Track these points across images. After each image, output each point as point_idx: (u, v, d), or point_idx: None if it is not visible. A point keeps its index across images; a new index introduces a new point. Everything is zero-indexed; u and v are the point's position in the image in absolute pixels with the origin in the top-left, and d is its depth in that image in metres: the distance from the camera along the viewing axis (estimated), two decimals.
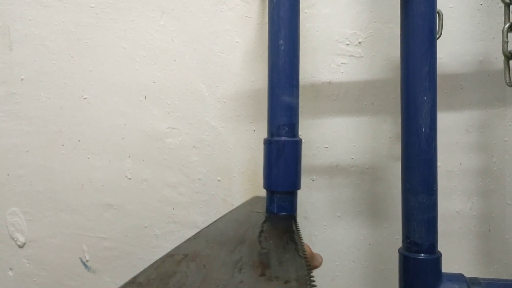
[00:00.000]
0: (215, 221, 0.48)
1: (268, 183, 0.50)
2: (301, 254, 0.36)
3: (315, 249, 0.68)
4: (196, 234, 0.41)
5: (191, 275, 0.30)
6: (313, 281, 0.30)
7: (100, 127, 0.73)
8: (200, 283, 0.29)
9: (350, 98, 0.65)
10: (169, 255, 0.34)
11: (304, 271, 0.31)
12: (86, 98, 0.73)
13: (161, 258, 0.33)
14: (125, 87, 0.71)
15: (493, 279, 0.48)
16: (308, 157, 0.67)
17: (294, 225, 0.45)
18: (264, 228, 0.45)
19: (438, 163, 0.62)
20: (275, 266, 0.32)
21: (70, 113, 0.74)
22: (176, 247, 0.36)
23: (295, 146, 0.49)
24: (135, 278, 0.30)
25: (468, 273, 0.62)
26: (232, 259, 0.34)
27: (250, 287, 0.28)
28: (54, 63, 0.73)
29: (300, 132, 0.66)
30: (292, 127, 0.49)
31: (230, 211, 0.55)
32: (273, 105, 0.49)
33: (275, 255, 0.35)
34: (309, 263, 0.43)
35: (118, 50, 0.71)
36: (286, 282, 0.29)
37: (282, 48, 0.48)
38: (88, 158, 0.73)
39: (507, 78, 0.48)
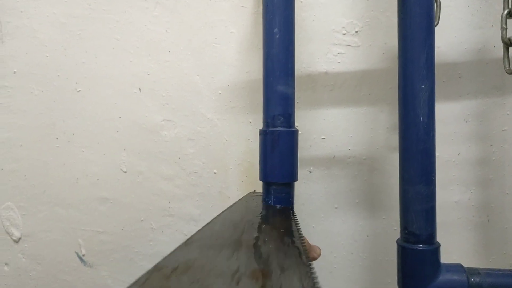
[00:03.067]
0: (209, 222, 0.44)
1: (264, 175, 0.49)
2: (304, 259, 0.32)
3: (312, 241, 0.68)
4: (188, 239, 0.37)
5: None
6: None
7: (94, 120, 0.72)
8: None
9: (347, 88, 0.65)
10: (157, 268, 0.30)
11: (309, 281, 0.28)
12: (79, 90, 0.72)
13: (146, 273, 0.29)
14: (119, 79, 0.70)
15: (492, 269, 0.47)
16: (305, 148, 0.66)
17: (293, 223, 0.43)
18: (262, 229, 0.42)
19: (437, 153, 0.62)
20: (277, 275, 0.29)
21: (63, 106, 0.73)
22: (165, 257, 0.32)
23: (291, 136, 0.48)
24: None
25: (467, 264, 0.61)
26: (230, 269, 0.30)
27: None
28: (47, 56, 0.72)
29: (296, 124, 0.66)
30: (288, 117, 0.48)
31: (224, 211, 0.52)
32: (268, 95, 0.48)
33: (275, 261, 0.32)
34: (310, 260, 0.41)
35: (111, 41, 0.70)
36: None
37: (277, 36, 0.47)
38: (83, 151, 0.72)
39: (507, 66, 0.47)
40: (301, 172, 0.67)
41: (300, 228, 0.42)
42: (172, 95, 0.70)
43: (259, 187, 0.66)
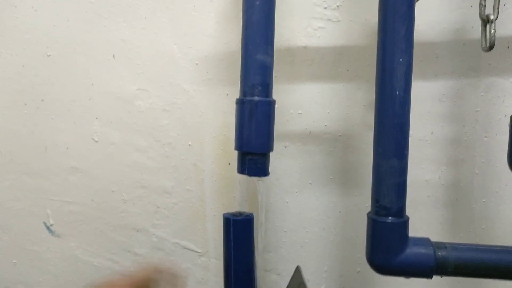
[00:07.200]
0: None
1: (240, 144, 0.48)
2: None
3: (285, 216, 0.68)
4: None
5: None
6: None
7: (65, 87, 0.69)
8: None
9: (325, 64, 0.64)
10: None
11: None
12: (50, 55, 0.69)
13: None
14: (92, 45, 0.68)
15: (459, 244, 0.48)
16: (282, 123, 0.66)
17: None
18: None
19: (410, 132, 0.62)
20: None
21: (33, 71, 0.70)
22: None
23: (268, 106, 0.48)
24: None
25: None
26: None
27: None
28: (16, 17, 0.69)
29: (274, 97, 0.65)
30: (266, 87, 0.47)
31: None
32: (247, 64, 0.48)
33: None
34: None
35: (84, 4, 0.67)
36: None
37: (257, 3, 0.46)
38: (52, 119, 0.70)
39: (483, 43, 0.47)
40: (277, 147, 0.66)
41: None
42: (148, 64, 0.68)
43: (234, 161, 0.65)
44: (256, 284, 0.51)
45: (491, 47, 0.46)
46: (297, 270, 0.61)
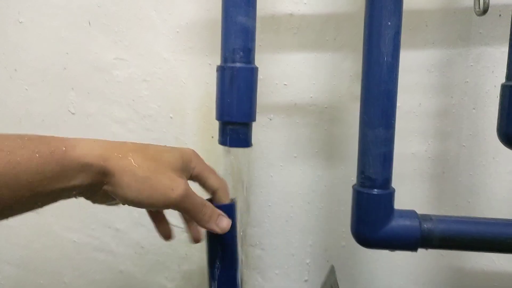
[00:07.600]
0: None
1: (221, 114, 0.46)
2: None
3: (269, 190, 0.66)
4: None
5: None
6: None
7: (39, 55, 0.66)
8: None
9: (312, 32, 0.62)
10: None
11: None
12: (22, 22, 0.65)
13: None
14: (67, 11, 0.64)
15: (444, 216, 0.47)
16: (266, 94, 0.64)
17: None
18: None
19: (398, 104, 0.61)
20: None
21: (4, 38, 0.66)
22: None
23: (250, 73, 0.45)
24: None
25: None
26: None
27: None
28: None
29: (258, 67, 0.63)
30: (248, 52, 0.45)
31: None
32: (227, 27, 0.45)
33: None
34: None
35: None
36: None
37: None
38: (26, 89, 0.67)
39: (477, 6, 0.45)
40: (261, 119, 0.64)
41: None
42: (126, 31, 0.64)
43: (217, 134, 0.63)
44: (239, 260, 0.50)
45: (485, 11, 0.44)
46: (331, 270, 0.60)
